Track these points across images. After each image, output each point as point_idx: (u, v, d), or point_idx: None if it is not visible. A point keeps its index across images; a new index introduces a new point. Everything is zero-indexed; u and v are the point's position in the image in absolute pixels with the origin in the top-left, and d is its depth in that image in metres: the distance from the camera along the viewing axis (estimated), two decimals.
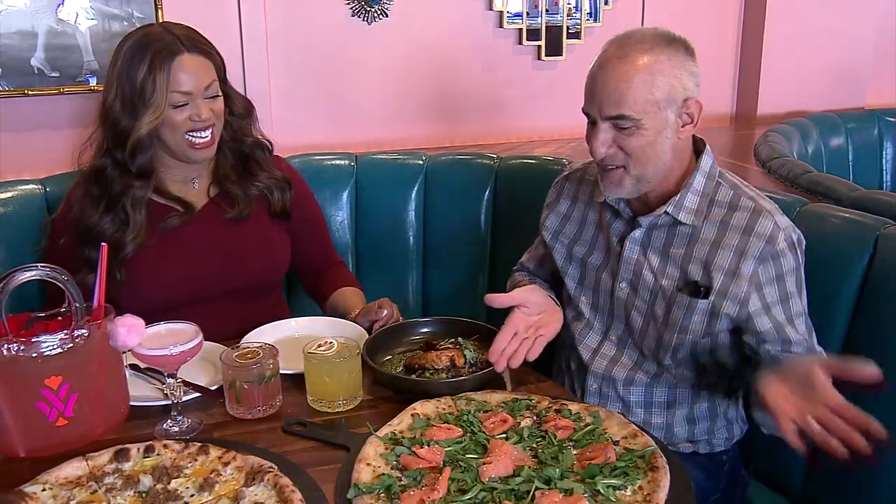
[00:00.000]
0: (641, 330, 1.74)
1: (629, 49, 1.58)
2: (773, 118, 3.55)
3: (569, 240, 1.87)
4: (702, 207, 1.66)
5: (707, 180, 1.68)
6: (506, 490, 1.26)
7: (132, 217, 1.85)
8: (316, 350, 1.57)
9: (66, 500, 1.28)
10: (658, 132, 1.59)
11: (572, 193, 1.90)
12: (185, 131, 1.83)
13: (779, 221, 1.61)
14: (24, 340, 1.37)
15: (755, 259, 1.60)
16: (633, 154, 1.60)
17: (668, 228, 1.70)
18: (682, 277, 1.67)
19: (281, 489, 1.27)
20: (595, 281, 1.82)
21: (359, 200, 2.45)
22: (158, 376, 1.63)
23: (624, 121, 1.57)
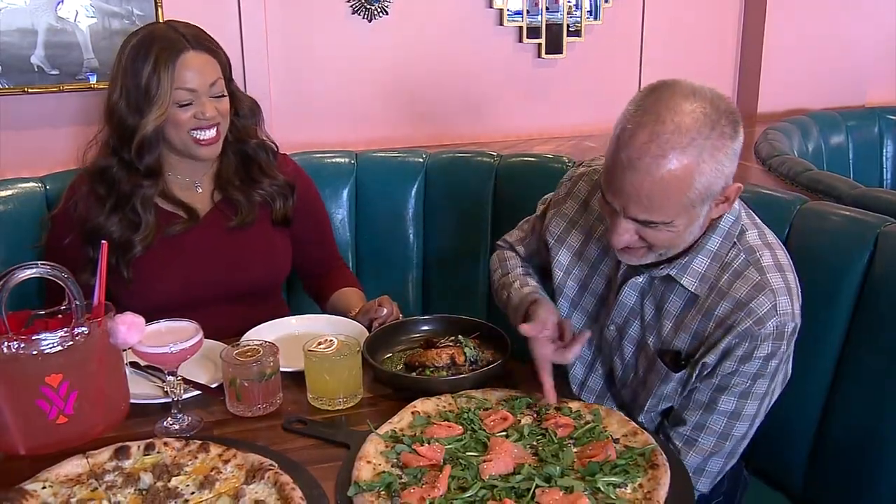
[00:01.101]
0: (621, 379, 1.67)
1: (665, 144, 1.32)
2: (774, 116, 3.55)
3: (572, 252, 1.71)
4: (710, 273, 1.50)
5: (723, 240, 1.50)
6: (506, 488, 1.26)
7: (143, 217, 1.85)
8: (316, 348, 1.57)
9: (67, 497, 1.28)
10: (688, 226, 1.42)
11: (583, 196, 1.71)
12: (190, 129, 1.83)
13: (779, 304, 1.44)
14: (25, 338, 1.37)
15: (735, 336, 1.45)
16: (657, 244, 1.45)
17: (669, 285, 1.54)
18: (668, 342, 1.55)
19: (281, 487, 1.27)
20: (589, 310, 1.70)
21: (359, 198, 2.45)
22: (158, 374, 1.63)
23: (652, 224, 1.39)
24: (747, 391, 1.50)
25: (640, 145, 1.33)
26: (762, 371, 1.48)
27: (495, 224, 2.41)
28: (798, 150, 3.00)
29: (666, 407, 1.61)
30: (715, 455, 1.56)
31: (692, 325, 1.52)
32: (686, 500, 1.28)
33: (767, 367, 1.48)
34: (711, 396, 1.52)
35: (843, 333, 1.72)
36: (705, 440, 1.55)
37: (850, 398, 1.70)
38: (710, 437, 1.54)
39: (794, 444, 1.80)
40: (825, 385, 1.75)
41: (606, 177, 1.41)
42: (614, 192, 1.39)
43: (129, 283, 1.85)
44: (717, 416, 1.53)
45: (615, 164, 1.37)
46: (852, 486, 1.70)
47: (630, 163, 1.34)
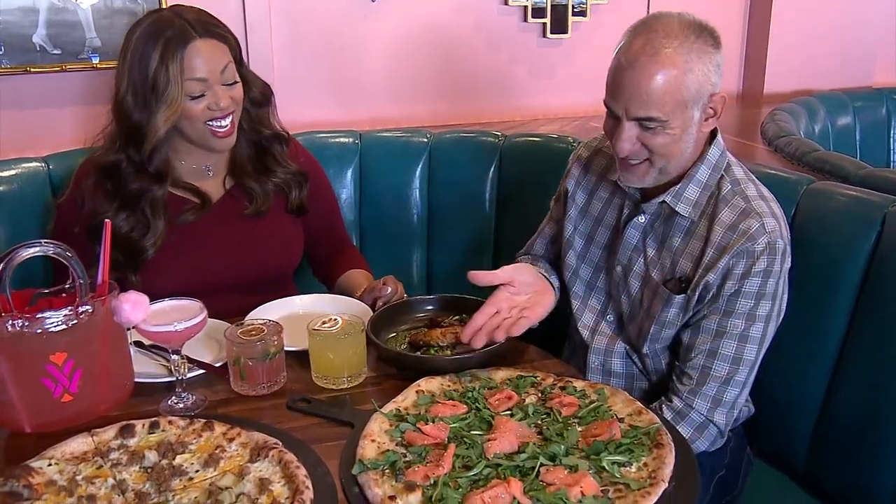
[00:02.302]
0: (629, 316, 1.75)
1: (658, 44, 1.51)
2: (780, 97, 3.53)
3: (579, 209, 1.87)
4: (701, 200, 1.64)
5: (712, 172, 1.65)
6: (510, 466, 1.26)
7: (153, 223, 1.82)
8: (320, 327, 1.56)
9: (72, 475, 1.28)
10: (684, 130, 1.56)
11: (585, 162, 1.88)
12: (206, 121, 1.78)
13: (766, 223, 1.57)
14: (29, 316, 1.36)
15: (731, 255, 1.57)
16: (657, 151, 1.58)
17: (667, 218, 1.69)
18: (671, 271, 1.67)
19: (285, 465, 1.28)
20: (597, 258, 1.82)
21: (363, 178, 2.45)
22: (163, 353, 1.63)
23: (651, 121, 1.54)
24: (753, 313, 1.60)
25: (637, 48, 1.52)
26: (763, 290, 1.59)
27: (500, 204, 2.41)
28: (804, 131, 2.98)
29: (668, 335, 1.69)
30: (729, 383, 1.63)
31: (692, 252, 1.64)
32: (691, 479, 1.28)
33: (767, 286, 1.59)
34: (720, 322, 1.62)
35: (848, 313, 1.72)
36: (719, 367, 1.62)
37: (855, 378, 1.70)
38: (723, 364, 1.62)
39: (798, 424, 1.80)
40: (829, 365, 1.75)
41: (609, 86, 1.57)
42: (616, 96, 1.55)
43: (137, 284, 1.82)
44: (727, 341, 1.61)
45: (616, 70, 1.56)
46: (855, 467, 1.70)
47: (628, 63, 1.53)
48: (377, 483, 1.23)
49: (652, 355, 1.74)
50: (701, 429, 1.65)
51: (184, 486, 1.26)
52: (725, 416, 1.65)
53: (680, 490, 1.24)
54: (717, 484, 1.73)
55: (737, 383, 1.63)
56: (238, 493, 1.23)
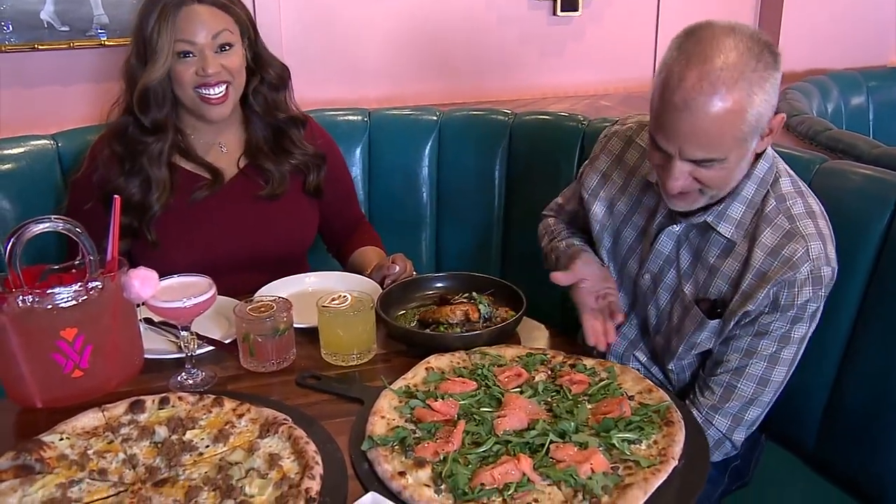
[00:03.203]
0: (655, 327, 1.69)
1: (716, 80, 1.33)
2: (793, 76, 3.48)
3: (606, 205, 1.75)
4: (745, 219, 1.52)
5: (758, 188, 1.51)
6: (520, 443, 1.26)
7: (152, 175, 1.83)
8: (330, 304, 1.56)
9: (84, 449, 1.29)
10: (739, 159, 1.43)
11: (616, 152, 1.75)
12: (195, 87, 1.80)
13: (811, 248, 1.45)
14: (39, 292, 1.37)
15: (771, 284, 1.46)
16: (710, 184, 1.45)
17: (706, 233, 1.56)
18: (705, 289, 1.57)
19: (295, 441, 1.28)
20: (623, 260, 1.73)
21: (372, 156, 2.43)
22: (172, 330, 1.63)
23: (707, 162, 1.40)
24: (787, 335, 1.52)
25: (692, 86, 1.34)
26: (800, 315, 1.50)
27: (509, 182, 2.39)
28: (817, 111, 2.95)
29: (698, 353, 1.62)
30: (753, 403, 1.57)
31: (729, 273, 1.53)
32: (701, 457, 1.27)
33: (805, 311, 1.50)
34: (751, 343, 1.54)
35: (861, 293, 1.70)
36: (745, 386, 1.56)
37: (866, 360, 1.69)
38: (749, 383, 1.56)
39: (809, 405, 1.79)
40: (841, 345, 1.73)
41: (657, 123, 1.41)
42: (669, 136, 1.40)
43: (154, 246, 1.85)
44: (756, 361, 1.54)
45: (667, 108, 1.38)
46: (865, 449, 1.69)
47: (684, 104, 1.35)
48: (387, 459, 1.23)
49: (678, 371, 1.68)
50: (717, 444, 1.61)
51: (194, 461, 1.26)
52: (744, 434, 1.61)
53: (690, 468, 1.24)
54: (732, 472, 1.72)
55: (761, 403, 1.57)
56: (248, 469, 1.23)
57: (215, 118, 1.86)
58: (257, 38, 1.91)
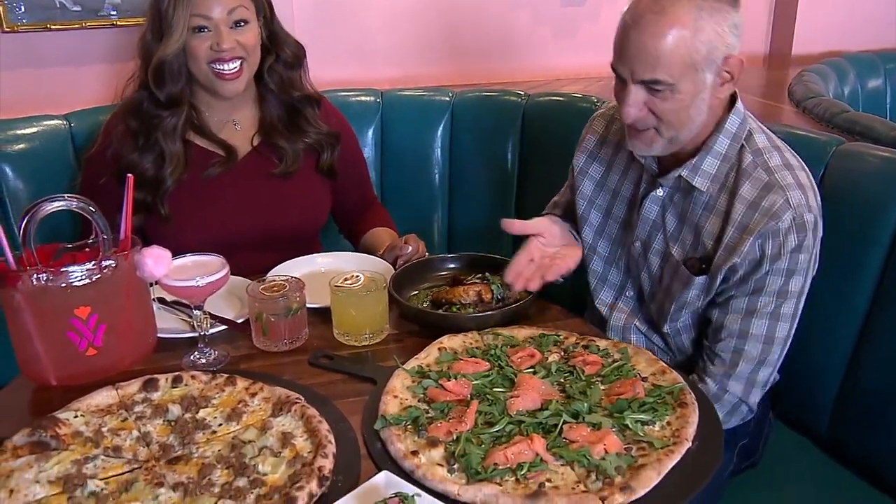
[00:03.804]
0: (649, 293, 1.71)
1: (665, 2, 1.42)
2: (809, 58, 3.45)
3: (594, 183, 1.80)
4: (720, 173, 1.56)
5: (731, 142, 1.55)
6: (533, 423, 1.25)
7: (167, 149, 1.84)
8: (342, 283, 1.56)
9: (98, 427, 1.29)
10: (694, 95, 1.47)
11: (601, 131, 1.81)
12: (209, 62, 1.80)
13: (791, 197, 1.48)
14: (53, 270, 1.37)
15: (754, 236, 1.49)
16: (665, 117, 1.49)
17: (686, 193, 1.61)
18: (692, 250, 1.60)
19: (308, 420, 1.28)
20: (615, 233, 1.77)
21: (384, 137, 2.43)
22: (185, 309, 1.64)
23: (657, 84, 1.45)
24: (784, 290, 1.54)
25: (643, 6, 1.44)
26: (793, 267, 1.52)
27: (522, 163, 2.38)
28: (833, 93, 2.91)
29: (689, 315, 1.65)
30: (763, 364, 1.59)
31: (712, 230, 1.57)
32: (714, 438, 1.27)
33: (798, 263, 1.52)
34: (749, 301, 1.56)
35: (877, 275, 1.69)
36: (752, 348, 1.57)
37: (882, 343, 1.68)
38: (755, 344, 1.57)
39: (822, 387, 1.78)
40: (856, 329, 1.72)
41: (616, 47, 1.49)
42: (622, 56, 1.48)
43: (167, 222, 1.85)
44: (757, 321, 1.56)
45: (621, 30, 1.47)
46: (879, 432, 1.68)
47: (634, 22, 1.44)
48: (399, 438, 1.23)
49: (673, 334, 1.70)
50: (734, 409, 1.62)
51: (207, 440, 1.27)
52: (758, 395, 1.62)
53: (703, 449, 1.23)
54: (740, 451, 1.72)
55: (770, 363, 1.59)
56: (261, 447, 1.23)
57: (229, 94, 1.86)
58: (273, 16, 1.91)
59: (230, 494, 1.13)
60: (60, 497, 1.14)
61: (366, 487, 1.14)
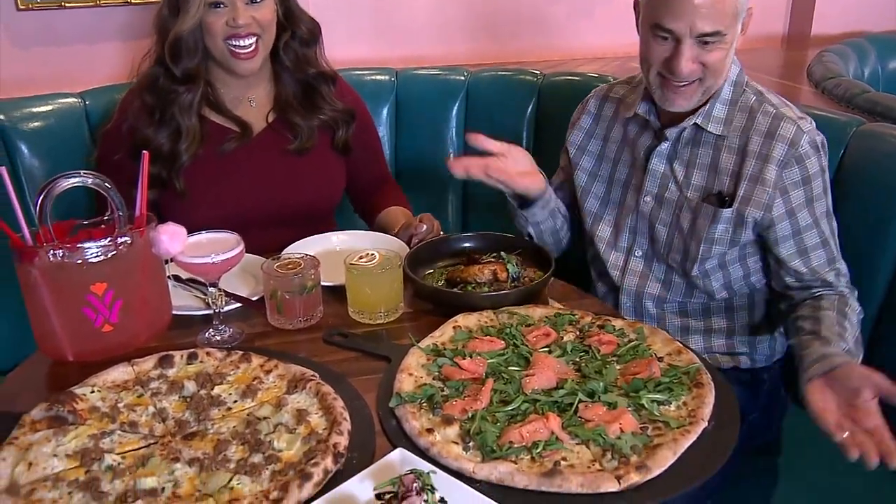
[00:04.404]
0: (667, 242, 1.74)
1: None
2: (828, 39, 3.40)
3: (594, 157, 1.88)
4: (730, 116, 1.67)
5: (734, 89, 1.68)
6: (549, 402, 1.25)
7: (183, 124, 1.84)
8: (357, 261, 1.56)
9: (114, 402, 1.30)
10: (731, 43, 1.59)
11: (595, 111, 1.90)
12: (225, 38, 1.80)
13: (801, 125, 1.61)
14: (70, 246, 1.37)
15: (778, 163, 1.60)
16: (712, 68, 1.59)
17: (694, 139, 1.70)
18: (708, 188, 1.68)
19: (323, 397, 1.28)
20: (620, 197, 1.82)
21: (399, 116, 2.42)
22: (200, 287, 1.64)
23: (713, 36, 1.54)
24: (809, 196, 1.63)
25: None
26: (819, 193, 1.64)
27: (537, 143, 2.37)
28: (853, 74, 2.87)
29: (719, 252, 1.69)
30: (835, 260, 1.66)
31: (727, 166, 1.67)
32: (731, 419, 1.26)
33: (822, 184, 1.64)
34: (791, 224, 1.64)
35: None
36: (817, 255, 1.65)
37: None
38: (819, 252, 1.65)
39: None
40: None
41: (664, 8, 1.54)
42: (679, 14, 1.53)
43: (183, 197, 1.85)
44: (807, 234, 1.64)
45: None
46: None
47: None
48: (415, 416, 1.23)
49: (702, 275, 1.72)
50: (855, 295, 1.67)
51: (222, 416, 1.27)
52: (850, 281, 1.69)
53: (720, 430, 1.23)
54: (749, 426, 1.71)
55: (838, 257, 1.67)
56: (276, 424, 1.23)
57: (245, 72, 1.86)
58: None
59: (245, 470, 1.14)
60: (78, 470, 1.15)
61: (381, 464, 1.14)
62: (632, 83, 1.87)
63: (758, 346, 1.79)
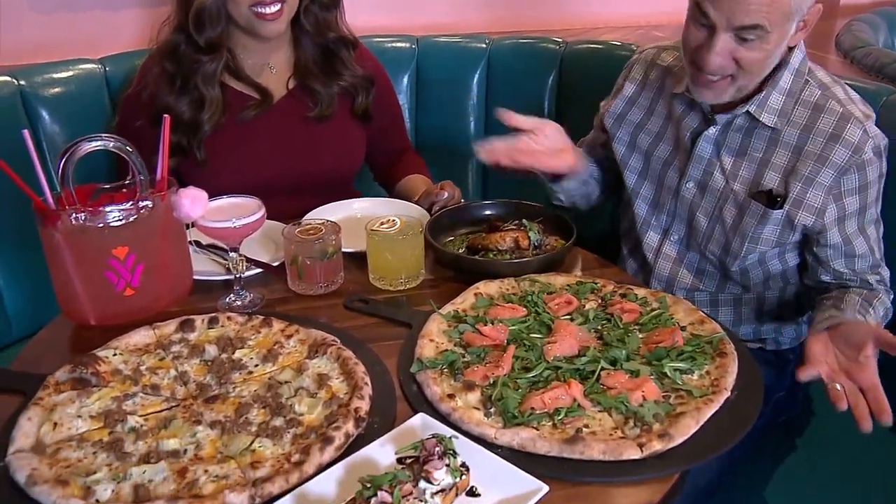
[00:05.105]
0: (706, 234, 1.67)
1: None
2: (858, 8, 3.33)
3: (633, 127, 1.78)
4: (786, 108, 1.54)
5: (795, 78, 1.55)
6: (571, 369, 1.25)
7: (206, 94, 1.83)
8: (378, 228, 1.55)
9: (136, 365, 1.31)
10: (777, 44, 1.45)
11: (640, 78, 1.78)
12: (250, 5, 1.77)
13: (868, 129, 1.50)
14: (91, 210, 1.38)
15: (838, 169, 1.50)
16: (746, 67, 1.47)
17: (747, 128, 1.59)
18: (757, 183, 1.58)
19: (344, 362, 1.28)
20: (659, 176, 1.73)
21: (419, 84, 2.39)
22: (221, 252, 1.64)
23: (753, 31, 1.41)
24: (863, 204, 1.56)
25: None
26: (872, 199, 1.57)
27: (559, 112, 2.34)
28: (884, 43, 2.82)
29: (762, 252, 1.62)
30: (879, 264, 1.62)
31: (780, 163, 1.56)
32: (755, 390, 1.25)
33: (878, 188, 1.57)
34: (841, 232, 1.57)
35: None
36: (861, 261, 1.59)
37: None
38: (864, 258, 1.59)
39: None
40: None
41: None
42: (714, 4, 1.41)
43: (203, 165, 1.85)
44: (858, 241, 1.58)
45: None
46: None
47: None
48: (436, 381, 1.23)
49: (741, 273, 1.67)
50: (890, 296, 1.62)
51: (243, 380, 1.28)
52: None
53: (743, 400, 1.22)
54: (775, 404, 1.70)
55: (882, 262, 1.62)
56: (297, 388, 1.24)
57: (270, 35, 1.84)
58: None
59: (267, 433, 1.14)
60: (102, 431, 1.16)
61: (402, 429, 1.14)
62: (680, 51, 1.69)
63: (784, 331, 1.77)
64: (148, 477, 1.06)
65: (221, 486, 1.05)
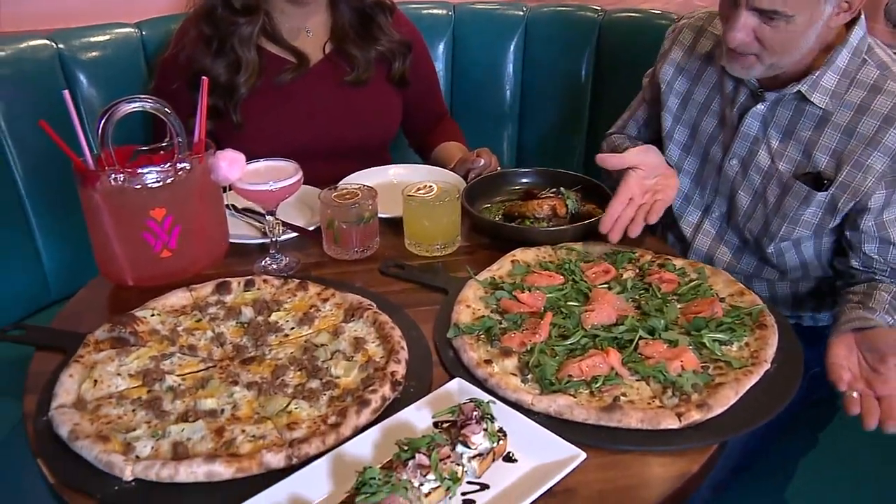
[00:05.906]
0: (747, 212, 1.63)
1: None
2: None
3: (680, 97, 1.71)
4: (840, 88, 1.47)
5: (853, 56, 1.46)
6: (608, 337, 1.24)
7: (243, 56, 1.82)
8: (415, 193, 1.54)
9: (174, 326, 1.32)
10: (808, 26, 1.38)
11: (689, 43, 1.70)
12: None
13: None
14: (130, 171, 1.38)
15: (891, 154, 1.43)
16: (770, 47, 1.41)
17: (797, 107, 1.52)
18: (804, 164, 1.52)
19: (380, 326, 1.28)
20: (703, 150, 1.68)
21: (455, 52, 2.37)
22: (257, 216, 1.64)
23: (774, 14, 1.36)
24: None
25: None
26: None
27: (596, 82, 2.30)
28: None
29: (802, 234, 1.56)
30: None
31: (830, 144, 1.49)
32: (794, 362, 1.23)
33: None
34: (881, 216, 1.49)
35: None
36: (894, 251, 1.50)
37: None
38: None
39: None
40: None
41: None
42: None
43: (239, 128, 1.85)
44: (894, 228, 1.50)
45: None
46: None
47: None
48: (472, 347, 1.23)
49: (776, 254, 1.62)
50: None
51: (280, 342, 1.28)
52: None
53: (783, 372, 1.21)
54: (810, 380, 1.67)
55: None
56: (333, 351, 1.24)
57: None
58: None
59: (303, 395, 1.15)
60: (141, 389, 1.17)
61: (438, 394, 1.14)
62: None
63: (822, 310, 1.73)
64: (186, 435, 1.07)
65: (259, 445, 1.06)
